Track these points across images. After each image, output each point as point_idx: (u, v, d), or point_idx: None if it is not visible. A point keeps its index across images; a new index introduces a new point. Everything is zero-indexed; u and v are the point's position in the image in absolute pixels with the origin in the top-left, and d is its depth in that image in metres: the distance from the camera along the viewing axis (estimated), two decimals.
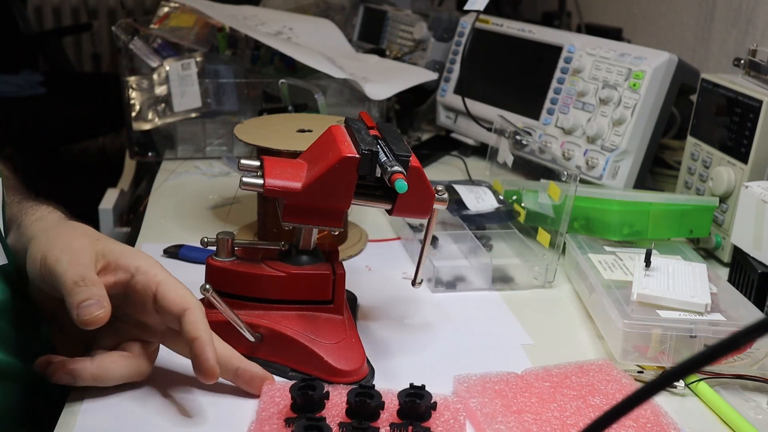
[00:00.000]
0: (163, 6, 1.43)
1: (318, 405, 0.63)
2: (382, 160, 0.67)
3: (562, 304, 0.90)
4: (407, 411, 0.62)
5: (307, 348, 0.70)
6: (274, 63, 1.45)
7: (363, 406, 0.61)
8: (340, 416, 0.63)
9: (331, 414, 0.63)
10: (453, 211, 1.03)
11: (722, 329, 0.74)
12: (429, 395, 0.62)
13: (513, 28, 1.33)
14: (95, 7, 3.87)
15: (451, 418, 0.63)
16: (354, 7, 1.76)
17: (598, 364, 0.72)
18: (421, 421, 0.62)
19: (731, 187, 0.97)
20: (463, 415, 0.64)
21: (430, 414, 0.63)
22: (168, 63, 1.31)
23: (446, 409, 0.64)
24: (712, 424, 0.68)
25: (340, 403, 0.64)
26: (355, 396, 0.62)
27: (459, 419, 0.63)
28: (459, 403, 0.65)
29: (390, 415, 0.63)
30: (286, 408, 0.63)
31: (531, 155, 1.13)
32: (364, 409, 0.61)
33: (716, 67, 1.47)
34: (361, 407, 0.61)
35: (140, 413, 0.65)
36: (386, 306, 0.86)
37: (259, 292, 0.72)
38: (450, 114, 1.44)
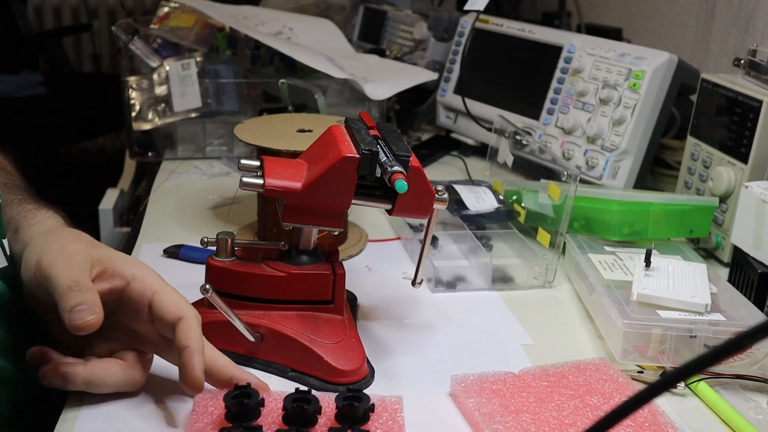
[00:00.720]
0: (163, 6, 1.43)
1: (253, 413, 0.61)
2: (382, 160, 0.67)
3: (562, 304, 0.90)
4: (345, 414, 0.61)
5: (307, 348, 0.70)
6: (274, 63, 1.45)
7: (300, 411, 0.60)
8: (276, 423, 0.61)
9: (267, 421, 0.61)
10: (453, 211, 1.03)
11: (722, 329, 0.74)
12: (367, 397, 0.61)
13: (513, 28, 1.33)
14: (95, 7, 3.87)
15: (389, 419, 0.62)
16: (354, 7, 1.76)
17: (595, 364, 0.72)
18: (359, 423, 0.61)
19: (731, 187, 0.97)
20: (401, 415, 0.63)
21: (368, 416, 0.61)
22: (168, 63, 1.31)
23: (384, 410, 0.63)
24: (712, 424, 0.68)
25: (276, 410, 0.62)
26: (291, 402, 0.60)
27: (398, 420, 0.62)
28: (396, 403, 0.64)
29: (328, 419, 0.61)
30: (220, 417, 0.61)
31: (531, 155, 1.13)
32: (301, 415, 0.60)
33: (716, 67, 1.47)
34: (298, 413, 0.60)
35: (137, 421, 0.65)
36: (386, 306, 0.86)
37: (259, 292, 0.72)
38: (450, 114, 1.44)
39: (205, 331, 0.73)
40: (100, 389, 0.65)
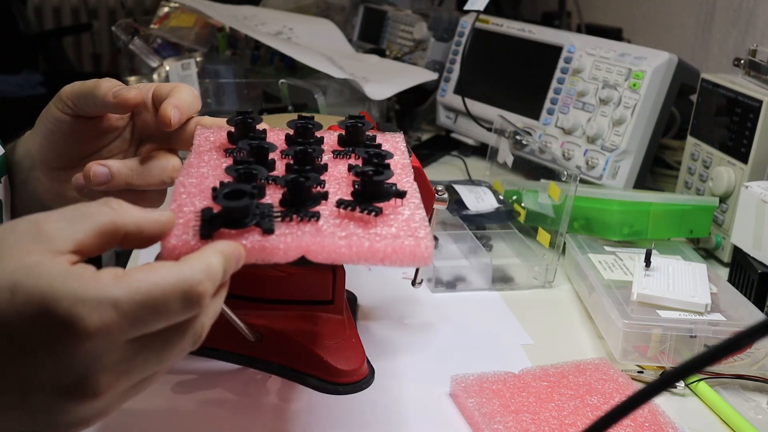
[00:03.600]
0: (163, 6, 1.43)
1: (257, 134, 0.61)
2: None
3: (562, 304, 0.90)
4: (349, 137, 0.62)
5: (307, 348, 0.70)
6: (274, 63, 1.45)
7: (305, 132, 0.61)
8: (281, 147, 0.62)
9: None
10: (453, 211, 1.03)
11: (722, 329, 0.74)
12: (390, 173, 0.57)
13: (513, 28, 1.33)
14: (95, 7, 3.87)
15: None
16: (354, 7, 1.76)
17: (594, 364, 0.72)
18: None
19: (731, 187, 0.97)
20: (403, 144, 0.65)
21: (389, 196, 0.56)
22: (168, 63, 1.31)
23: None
24: (712, 424, 0.68)
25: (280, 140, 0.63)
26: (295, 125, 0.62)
27: (399, 147, 0.63)
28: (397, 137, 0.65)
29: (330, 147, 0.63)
30: (223, 141, 0.61)
31: (531, 155, 1.13)
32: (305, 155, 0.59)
33: (716, 67, 1.47)
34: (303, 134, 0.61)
35: (138, 421, 0.65)
36: (386, 306, 0.86)
37: (259, 292, 0.72)
38: (450, 114, 1.44)
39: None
40: (147, 180, 0.63)
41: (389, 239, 0.51)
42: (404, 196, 0.55)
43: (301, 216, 0.51)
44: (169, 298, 0.41)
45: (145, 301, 0.41)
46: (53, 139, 0.66)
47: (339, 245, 0.50)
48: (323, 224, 0.51)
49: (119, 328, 0.40)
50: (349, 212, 0.53)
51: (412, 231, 0.52)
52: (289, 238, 0.49)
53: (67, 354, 0.40)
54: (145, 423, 0.64)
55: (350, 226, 0.51)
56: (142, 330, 0.41)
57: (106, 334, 0.40)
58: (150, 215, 0.46)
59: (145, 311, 0.41)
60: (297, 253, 0.49)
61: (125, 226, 0.45)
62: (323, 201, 0.54)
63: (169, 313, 0.42)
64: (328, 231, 0.51)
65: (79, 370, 0.41)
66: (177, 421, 0.65)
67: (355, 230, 0.51)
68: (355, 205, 0.52)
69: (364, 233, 0.51)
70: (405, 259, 0.51)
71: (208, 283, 0.43)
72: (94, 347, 0.40)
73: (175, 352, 0.44)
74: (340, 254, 0.50)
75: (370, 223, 0.52)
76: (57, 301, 0.39)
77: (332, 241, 0.50)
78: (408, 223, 0.53)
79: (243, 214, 0.48)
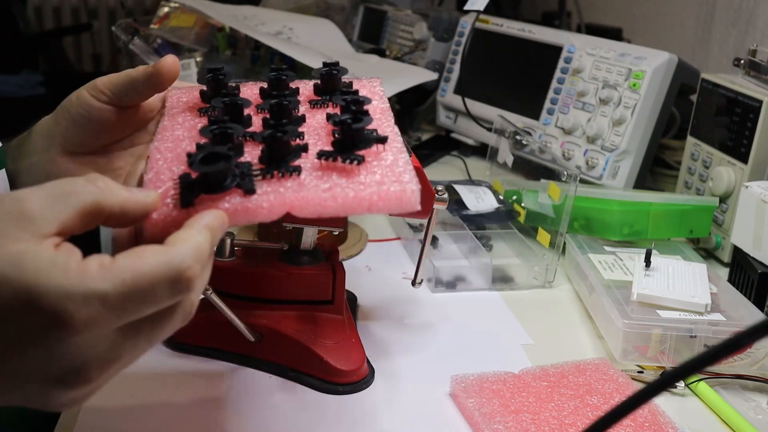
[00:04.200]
0: (163, 6, 1.43)
1: (229, 91, 0.60)
2: None
3: (562, 304, 0.90)
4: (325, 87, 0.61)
5: (307, 348, 0.70)
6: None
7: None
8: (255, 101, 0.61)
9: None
10: (453, 211, 1.03)
11: (722, 329, 0.74)
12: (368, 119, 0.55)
13: (513, 28, 1.33)
14: (95, 7, 3.87)
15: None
16: (354, 7, 1.76)
17: (595, 364, 0.72)
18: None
19: (731, 187, 0.97)
20: (380, 89, 0.64)
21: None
22: None
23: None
24: (712, 424, 0.68)
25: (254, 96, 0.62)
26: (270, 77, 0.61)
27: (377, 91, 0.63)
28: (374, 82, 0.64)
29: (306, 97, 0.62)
30: (196, 100, 0.61)
31: (531, 155, 1.13)
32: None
33: (716, 67, 1.47)
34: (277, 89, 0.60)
35: (137, 421, 0.65)
36: (386, 306, 0.86)
37: (259, 292, 0.72)
38: (450, 114, 1.44)
39: (205, 330, 0.73)
40: None
41: (374, 187, 0.50)
42: (386, 141, 0.54)
43: (282, 171, 0.50)
44: (158, 287, 0.41)
45: (133, 293, 0.40)
46: (82, 124, 0.66)
47: (323, 198, 0.49)
48: (305, 178, 0.50)
49: (107, 321, 0.40)
50: (330, 163, 0.52)
51: (396, 176, 0.51)
52: (272, 196, 0.49)
53: (56, 348, 0.40)
54: (144, 423, 0.64)
55: (333, 177, 0.51)
56: (131, 318, 0.41)
57: (94, 327, 0.40)
58: (135, 196, 0.46)
59: (133, 302, 0.41)
60: (281, 211, 0.49)
61: (110, 207, 0.44)
62: (303, 154, 0.53)
63: (158, 301, 0.42)
64: (311, 185, 0.50)
65: (69, 361, 0.41)
66: (176, 420, 0.65)
67: (339, 181, 0.50)
68: (337, 155, 0.52)
69: (348, 183, 0.50)
70: (392, 206, 0.50)
71: (197, 266, 0.43)
72: (83, 340, 0.40)
73: (164, 332, 0.44)
74: (325, 207, 0.49)
75: (354, 173, 0.51)
76: (43, 296, 0.39)
77: (316, 194, 0.49)
78: (392, 169, 0.52)
79: (221, 177, 0.48)
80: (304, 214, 0.49)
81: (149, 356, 0.72)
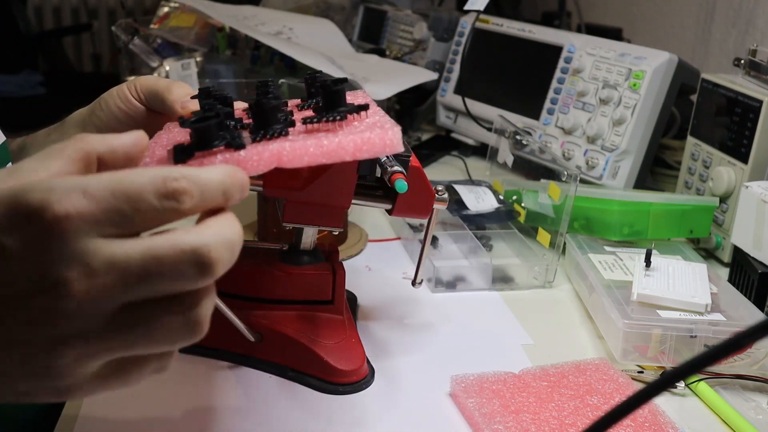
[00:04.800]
0: (163, 6, 1.43)
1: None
2: (382, 160, 0.67)
3: (562, 304, 0.90)
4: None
5: (306, 348, 0.70)
6: (274, 63, 1.45)
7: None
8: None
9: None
10: (453, 211, 1.03)
11: (722, 329, 0.74)
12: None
13: (513, 28, 1.33)
14: (95, 7, 3.87)
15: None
16: (354, 7, 1.76)
17: (595, 364, 0.72)
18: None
19: (731, 187, 0.97)
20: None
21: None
22: (168, 63, 1.31)
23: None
24: (713, 424, 0.68)
25: None
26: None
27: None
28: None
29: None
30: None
31: (531, 155, 1.13)
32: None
33: (716, 67, 1.47)
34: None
35: (136, 421, 0.65)
36: (386, 306, 0.86)
37: (259, 292, 0.72)
38: (450, 114, 1.44)
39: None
40: None
41: (357, 133, 0.53)
42: (367, 108, 0.57)
43: (270, 134, 0.53)
44: (144, 189, 0.39)
45: (117, 189, 0.39)
46: (119, 117, 0.68)
47: (309, 145, 0.52)
48: (292, 137, 0.53)
49: (91, 215, 0.38)
50: (315, 125, 0.55)
51: (379, 124, 0.55)
52: (260, 147, 0.51)
53: (41, 248, 0.38)
54: (144, 423, 0.64)
55: (320, 134, 0.54)
56: (118, 224, 0.39)
57: (77, 220, 0.38)
58: (119, 135, 0.46)
59: (118, 200, 0.39)
60: (270, 162, 0.51)
61: (95, 148, 0.44)
62: (290, 129, 0.56)
63: (144, 205, 0.39)
64: (298, 139, 0.53)
65: (54, 267, 0.38)
66: (176, 420, 0.65)
67: (325, 135, 0.54)
68: (321, 118, 0.55)
69: (333, 134, 0.53)
70: (376, 148, 0.53)
71: (184, 181, 0.40)
72: (67, 237, 0.38)
73: (164, 330, 0.41)
74: (312, 155, 0.52)
75: (337, 127, 0.55)
76: (27, 193, 0.38)
77: (302, 143, 0.51)
78: (374, 123, 0.56)
79: (212, 134, 0.49)
80: (294, 164, 0.51)
81: None
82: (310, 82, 0.66)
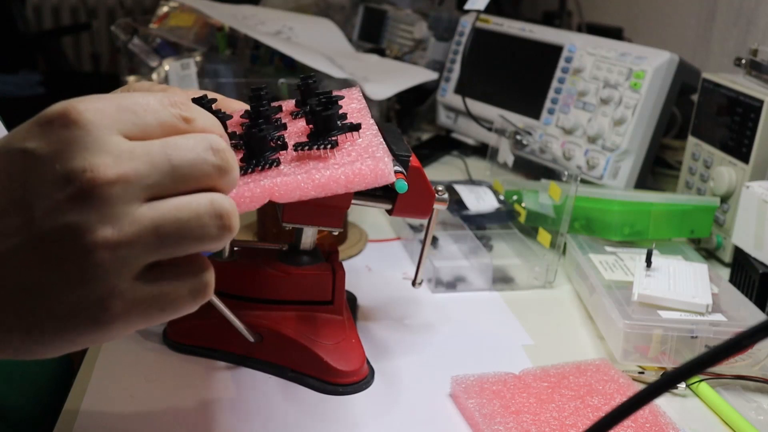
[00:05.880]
0: (162, 5, 1.43)
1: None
2: None
3: (563, 304, 0.89)
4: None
5: (306, 348, 0.70)
6: (273, 63, 1.45)
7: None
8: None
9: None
10: (453, 211, 1.02)
11: (723, 330, 0.73)
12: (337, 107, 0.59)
13: (513, 27, 1.33)
14: (94, 6, 3.87)
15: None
16: (354, 7, 1.76)
17: (595, 364, 0.72)
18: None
19: (732, 187, 0.97)
20: (359, 96, 0.67)
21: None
22: (167, 62, 1.30)
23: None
24: (713, 425, 0.68)
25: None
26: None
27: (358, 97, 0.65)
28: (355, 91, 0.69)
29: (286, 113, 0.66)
30: None
31: (531, 155, 1.12)
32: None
33: (717, 66, 1.47)
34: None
35: (136, 422, 0.65)
36: (386, 306, 0.86)
37: (259, 292, 0.72)
38: (450, 114, 1.44)
39: (204, 331, 0.73)
40: None
41: (348, 165, 0.54)
42: (359, 129, 0.58)
43: (261, 165, 0.54)
44: (155, 104, 0.43)
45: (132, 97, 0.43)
46: None
47: (300, 180, 0.52)
48: (284, 168, 0.54)
49: (110, 115, 0.41)
50: (307, 152, 0.56)
51: (370, 153, 0.55)
52: (252, 184, 0.51)
53: (66, 141, 0.40)
54: (144, 423, 0.64)
55: (310, 164, 0.54)
56: (134, 123, 0.42)
57: (98, 116, 0.41)
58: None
59: (132, 105, 0.42)
60: (263, 198, 0.52)
61: None
62: (283, 152, 0.56)
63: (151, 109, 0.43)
64: (289, 171, 0.53)
65: (80, 155, 0.39)
66: (176, 421, 0.64)
67: (316, 165, 0.54)
68: (312, 144, 0.56)
69: (323, 165, 0.54)
70: (368, 180, 0.54)
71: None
72: (90, 128, 0.40)
73: (193, 222, 0.41)
74: (303, 190, 0.53)
75: (329, 157, 0.56)
76: (47, 108, 0.41)
77: (293, 179, 0.52)
78: (366, 149, 0.56)
79: None
80: (285, 198, 0.52)
81: (149, 356, 0.72)
82: (303, 88, 0.67)
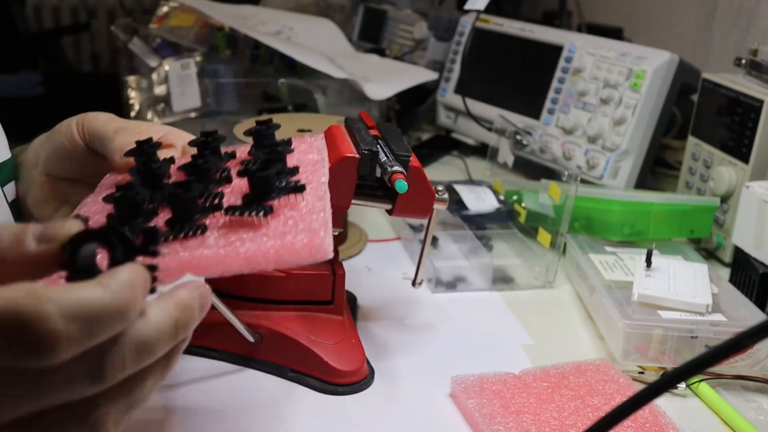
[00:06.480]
0: (162, 5, 1.43)
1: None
2: (382, 160, 0.67)
3: (563, 304, 0.89)
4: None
5: (306, 348, 0.70)
6: (273, 63, 1.45)
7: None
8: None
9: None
10: (453, 211, 1.02)
11: (723, 330, 0.73)
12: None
13: (513, 27, 1.33)
14: (94, 6, 3.87)
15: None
16: (354, 7, 1.76)
17: (595, 365, 0.72)
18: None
19: (732, 187, 0.97)
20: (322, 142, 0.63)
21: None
22: (167, 62, 1.31)
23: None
24: (713, 425, 0.68)
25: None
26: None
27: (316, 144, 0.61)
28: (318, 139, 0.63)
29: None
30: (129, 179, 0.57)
31: (531, 155, 1.12)
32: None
33: (717, 66, 1.47)
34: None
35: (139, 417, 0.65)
36: (386, 306, 0.86)
37: (259, 292, 0.72)
38: (450, 114, 1.44)
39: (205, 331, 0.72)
40: None
41: (279, 238, 0.47)
42: (303, 191, 0.51)
43: (186, 232, 0.48)
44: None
45: None
46: (64, 153, 0.66)
47: (222, 255, 0.46)
48: (210, 236, 0.48)
49: None
50: (238, 218, 0.49)
51: (306, 224, 0.48)
52: (167, 258, 0.46)
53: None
54: (143, 423, 0.64)
55: (239, 233, 0.48)
56: None
57: None
58: None
59: None
60: (180, 273, 0.46)
61: None
62: (218, 213, 0.50)
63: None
64: (213, 243, 0.47)
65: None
66: (175, 421, 0.64)
67: (244, 236, 0.47)
68: (244, 210, 0.49)
69: (252, 237, 0.47)
70: (300, 256, 0.47)
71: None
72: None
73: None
74: (227, 264, 0.46)
75: (261, 226, 0.48)
76: None
77: (216, 253, 0.46)
78: (304, 217, 0.49)
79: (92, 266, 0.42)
80: (207, 273, 0.46)
81: None
82: (255, 136, 0.61)
